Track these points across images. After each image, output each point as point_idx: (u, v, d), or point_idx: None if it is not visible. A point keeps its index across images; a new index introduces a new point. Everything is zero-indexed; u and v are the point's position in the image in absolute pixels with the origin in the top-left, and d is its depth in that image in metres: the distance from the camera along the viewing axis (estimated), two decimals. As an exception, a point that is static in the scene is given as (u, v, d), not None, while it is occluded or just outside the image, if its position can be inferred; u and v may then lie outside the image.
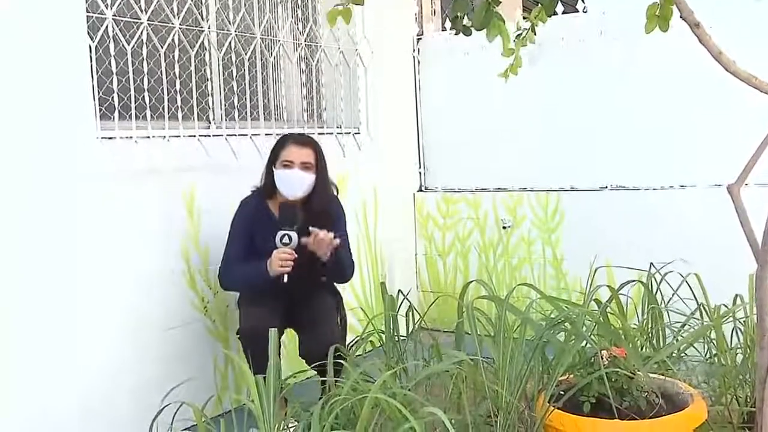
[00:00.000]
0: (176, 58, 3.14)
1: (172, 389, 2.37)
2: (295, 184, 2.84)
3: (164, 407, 2.25)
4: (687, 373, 2.68)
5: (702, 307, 2.83)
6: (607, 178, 3.98)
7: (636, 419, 2.21)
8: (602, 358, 2.30)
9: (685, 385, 2.44)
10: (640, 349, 2.72)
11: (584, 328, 2.49)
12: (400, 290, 3.09)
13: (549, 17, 2.58)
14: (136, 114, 2.93)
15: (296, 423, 2.33)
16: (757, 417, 2.22)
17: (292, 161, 2.84)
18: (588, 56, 3.97)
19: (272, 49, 3.69)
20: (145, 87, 2.98)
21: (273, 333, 2.30)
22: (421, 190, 4.60)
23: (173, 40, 3.11)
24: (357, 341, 2.99)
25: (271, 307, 2.76)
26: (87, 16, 2.76)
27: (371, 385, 2.08)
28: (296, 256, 2.72)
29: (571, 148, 4.04)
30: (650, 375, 2.37)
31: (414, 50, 4.55)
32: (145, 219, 2.96)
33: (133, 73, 2.93)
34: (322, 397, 2.26)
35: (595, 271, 3.00)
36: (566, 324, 2.50)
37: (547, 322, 2.52)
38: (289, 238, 2.72)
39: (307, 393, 2.59)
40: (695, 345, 2.75)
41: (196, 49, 3.23)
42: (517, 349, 2.40)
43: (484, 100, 4.27)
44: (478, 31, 2.20)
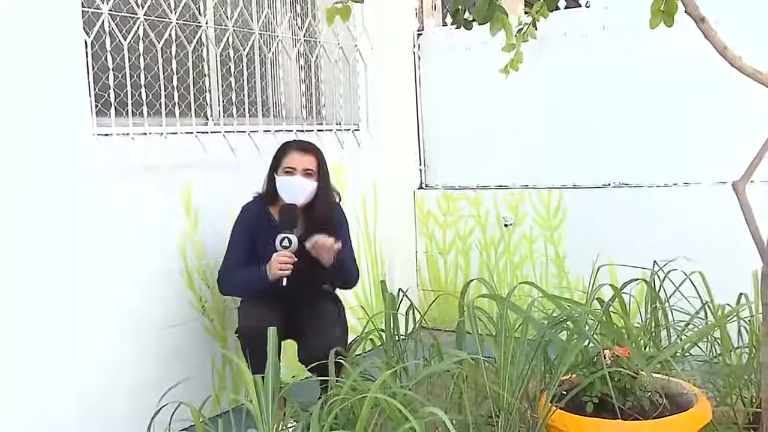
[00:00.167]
0: (173, 53, 3.13)
1: (169, 389, 2.35)
2: (297, 190, 2.83)
3: (162, 407, 2.24)
4: (691, 373, 2.66)
5: (706, 306, 2.80)
6: (609, 175, 3.96)
7: (639, 419, 2.19)
8: (605, 358, 2.28)
9: (689, 385, 2.43)
10: (643, 349, 2.71)
11: (587, 327, 2.48)
12: (400, 289, 3.07)
13: (551, 11, 2.57)
14: (132, 110, 2.93)
15: (295, 423, 2.31)
16: (763, 418, 2.22)
17: (294, 168, 2.84)
18: (591, 51, 3.95)
19: (271, 44, 3.68)
20: (142, 83, 2.97)
21: (272, 332, 2.28)
22: (422, 188, 4.59)
23: (170, 35, 3.10)
24: (357, 340, 2.97)
25: (270, 307, 2.75)
26: (83, 11, 2.74)
27: (371, 385, 2.06)
28: (296, 259, 2.71)
29: (574, 144, 4.03)
30: (654, 375, 2.35)
31: (414, 46, 4.53)
32: (141, 217, 2.95)
33: (130, 69, 2.93)
34: (322, 397, 2.24)
35: (598, 270, 2.98)
36: (568, 323, 2.48)
37: (549, 321, 2.50)
38: (289, 241, 2.70)
39: (306, 393, 2.57)
40: (699, 344, 2.74)
41: (193, 44, 3.22)
42: (518, 349, 2.39)
43: (485, 96, 4.26)
44: (481, 25, 2.18)
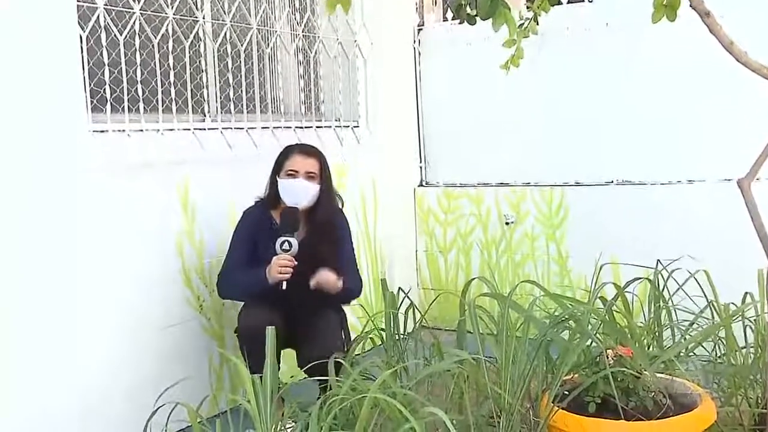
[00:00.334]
0: (170, 49, 3.11)
1: (166, 389, 2.34)
2: (300, 193, 2.84)
3: (158, 408, 2.22)
4: (695, 373, 2.65)
5: (711, 305, 2.78)
6: (612, 172, 3.94)
7: (642, 420, 2.17)
8: (608, 357, 2.27)
9: (693, 386, 2.41)
10: (646, 348, 2.69)
11: (589, 327, 2.46)
12: (400, 288, 3.05)
13: (552, 6, 2.54)
14: (128, 107, 2.93)
15: (294, 424, 2.31)
16: (769, 419, 2.18)
17: (296, 171, 2.85)
18: (593, 47, 3.94)
19: (269, 40, 3.67)
20: (138, 79, 2.96)
21: (270, 331, 2.26)
22: (422, 185, 4.57)
23: (167, 30, 3.09)
24: (357, 339, 2.96)
25: (270, 307, 2.74)
26: (78, 5, 2.73)
27: (371, 385, 2.05)
28: (296, 263, 2.71)
29: (576, 141, 4.02)
30: (657, 375, 2.34)
31: (415, 41, 4.51)
32: (138, 214, 2.93)
33: (126, 65, 2.91)
34: (321, 397, 2.22)
35: (601, 268, 2.96)
36: (571, 322, 2.47)
37: (551, 321, 2.49)
38: (289, 244, 2.71)
39: (304, 393, 2.56)
40: (704, 344, 2.72)
41: (190, 39, 3.21)
42: (520, 348, 2.37)
43: (486, 92, 4.24)
44: (484, 20, 2.16)
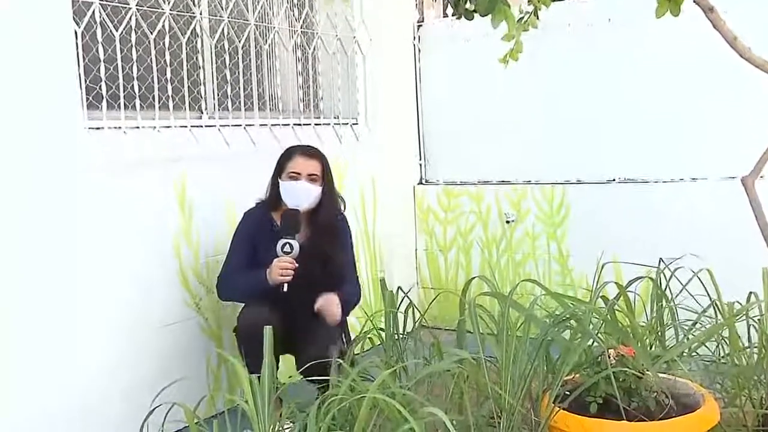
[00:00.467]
0: (167, 45, 3.10)
1: (162, 389, 2.34)
2: (302, 195, 2.84)
3: (155, 408, 2.22)
4: (698, 374, 2.64)
5: (714, 304, 2.76)
6: (614, 170, 3.93)
7: (644, 420, 2.16)
8: (609, 357, 2.26)
9: (696, 386, 2.40)
10: (649, 348, 2.68)
11: (591, 326, 2.46)
12: (399, 287, 3.04)
13: (553, 1, 2.52)
14: (125, 103, 2.91)
15: (291, 424, 2.29)
16: (773, 420, 2.16)
17: (298, 173, 2.85)
18: (596, 43, 3.93)
19: (267, 36, 3.66)
20: (135, 75, 2.95)
21: (269, 331, 2.24)
22: (422, 183, 4.56)
23: (163, 26, 3.08)
24: (356, 339, 2.95)
25: (270, 307, 2.73)
26: (73, 0, 2.70)
27: (370, 385, 2.05)
28: (297, 265, 2.71)
29: (577, 139, 4.01)
30: (659, 375, 2.33)
31: (414, 37, 4.50)
32: (134, 212, 2.92)
33: (122, 61, 2.90)
34: (319, 398, 2.20)
35: (602, 267, 2.94)
36: (572, 321, 2.46)
37: (552, 320, 2.48)
38: (291, 246, 2.71)
39: (303, 393, 2.56)
40: (707, 344, 2.71)
41: (187, 36, 3.20)
42: (520, 348, 2.36)
43: (487, 89, 4.23)
44: (482, 16, 2.14)
